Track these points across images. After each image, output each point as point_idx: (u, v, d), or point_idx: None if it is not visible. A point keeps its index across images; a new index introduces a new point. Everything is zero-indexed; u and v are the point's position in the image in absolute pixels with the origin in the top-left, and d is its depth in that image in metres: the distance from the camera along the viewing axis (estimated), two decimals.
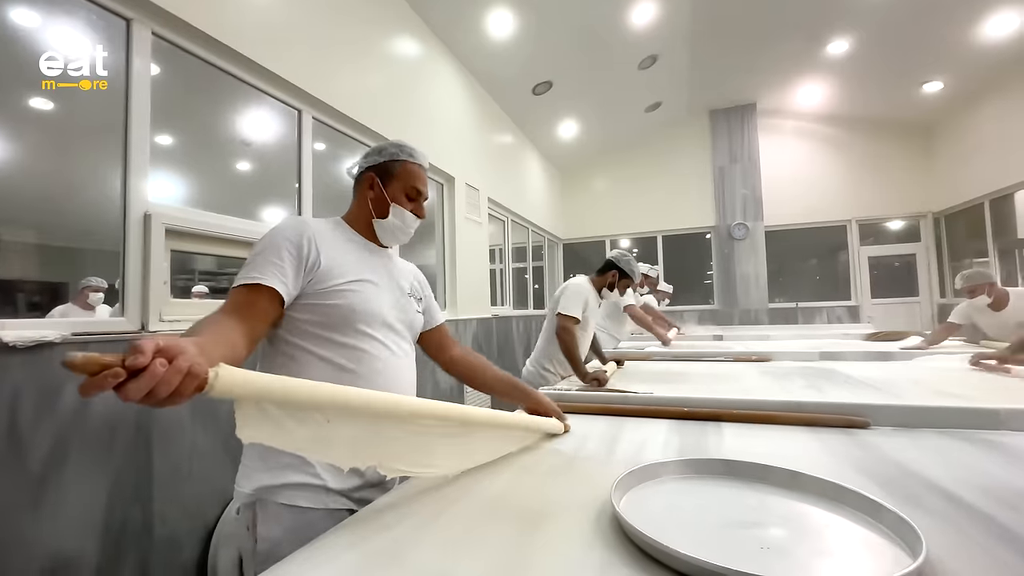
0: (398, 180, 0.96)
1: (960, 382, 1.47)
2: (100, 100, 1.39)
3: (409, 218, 0.97)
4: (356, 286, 0.88)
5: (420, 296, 1.06)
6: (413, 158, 0.98)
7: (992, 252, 4.99)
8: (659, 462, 0.74)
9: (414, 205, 0.98)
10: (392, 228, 0.96)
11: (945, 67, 4.69)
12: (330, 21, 2.32)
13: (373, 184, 0.96)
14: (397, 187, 0.95)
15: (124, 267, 1.36)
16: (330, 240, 0.89)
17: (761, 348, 2.86)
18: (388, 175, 0.96)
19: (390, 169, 0.96)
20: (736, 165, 6.17)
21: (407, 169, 0.97)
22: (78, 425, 1.17)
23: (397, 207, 0.95)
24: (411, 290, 1.03)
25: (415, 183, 0.97)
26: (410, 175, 0.97)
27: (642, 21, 3.97)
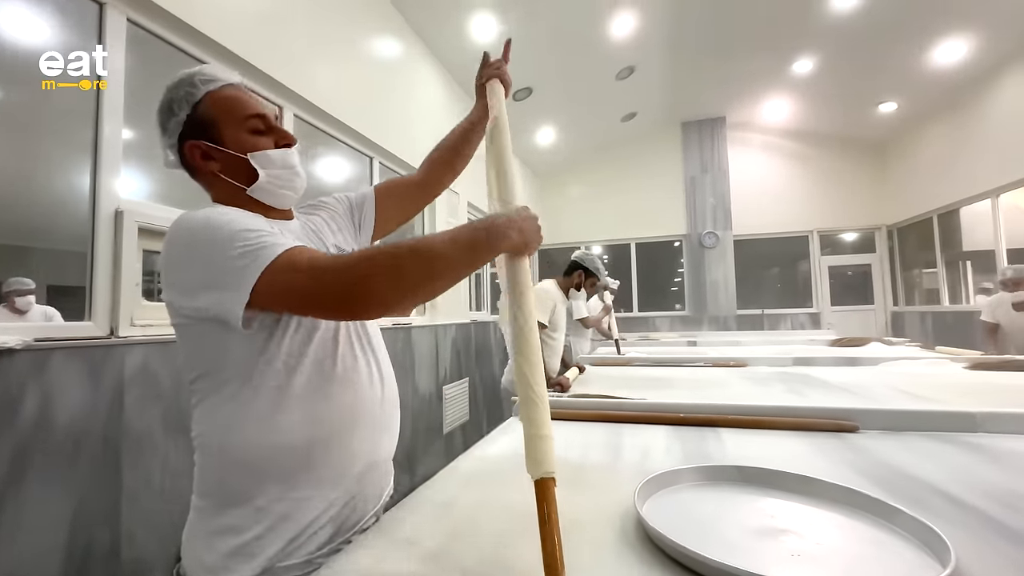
0: (223, 124, 0.67)
1: (928, 386, 1.54)
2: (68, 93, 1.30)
3: (280, 155, 0.69)
4: None
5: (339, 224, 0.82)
6: (214, 82, 0.68)
7: (940, 263, 5.33)
8: (674, 470, 0.74)
9: (271, 135, 0.70)
10: (276, 182, 0.69)
11: (899, 89, 4.99)
12: (313, 18, 2.26)
13: (204, 152, 0.67)
14: (230, 132, 0.67)
15: (92, 268, 1.26)
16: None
17: (736, 354, 2.95)
18: (206, 126, 0.67)
19: (202, 119, 0.67)
20: (707, 175, 6.37)
21: (219, 103, 0.68)
22: (40, 439, 1.08)
23: (256, 154, 0.67)
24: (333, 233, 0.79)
25: (244, 111, 0.69)
26: (231, 107, 0.68)
27: (622, 33, 4.05)
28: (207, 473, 0.65)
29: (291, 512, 0.62)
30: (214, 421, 0.63)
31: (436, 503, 0.70)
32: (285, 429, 0.62)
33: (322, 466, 0.64)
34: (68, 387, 1.13)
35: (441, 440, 3.40)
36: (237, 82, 0.72)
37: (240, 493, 0.62)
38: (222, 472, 0.63)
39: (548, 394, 0.58)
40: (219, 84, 0.69)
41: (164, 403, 1.35)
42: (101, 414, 1.19)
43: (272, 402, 0.62)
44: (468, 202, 4.23)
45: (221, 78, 0.69)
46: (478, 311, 4.52)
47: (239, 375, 0.62)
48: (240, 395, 0.62)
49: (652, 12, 3.98)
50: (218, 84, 0.69)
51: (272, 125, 0.71)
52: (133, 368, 1.27)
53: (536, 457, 0.49)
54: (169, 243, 0.60)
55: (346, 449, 0.67)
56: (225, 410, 0.62)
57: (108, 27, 1.34)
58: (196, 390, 0.65)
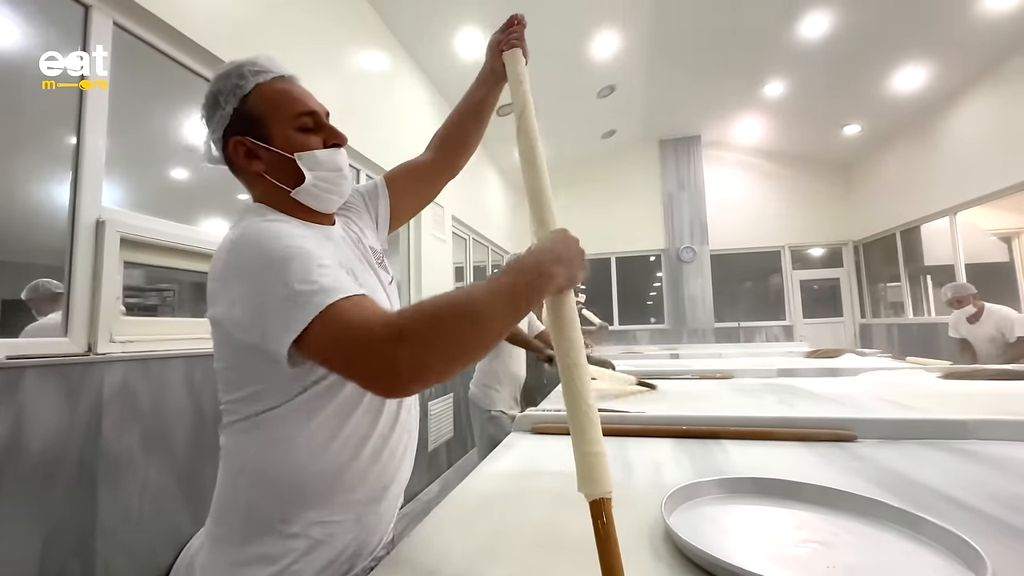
0: (272, 119, 0.63)
1: (910, 395, 1.60)
2: (49, 93, 1.23)
3: (328, 156, 0.65)
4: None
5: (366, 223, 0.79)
6: (264, 74, 0.64)
7: (904, 277, 5.59)
8: (694, 483, 0.73)
9: (321, 134, 0.66)
10: (322, 184, 0.65)
11: (863, 112, 5.27)
12: (301, 28, 2.23)
13: (249, 150, 0.63)
14: (279, 129, 0.63)
15: (70, 280, 1.19)
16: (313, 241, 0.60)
17: (718, 365, 2.99)
18: (253, 122, 0.63)
19: (249, 113, 0.63)
20: (684, 192, 6.55)
21: (268, 97, 0.63)
22: (10, 463, 0.99)
23: (304, 155, 0.63)
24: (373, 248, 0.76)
25: (296, 107, 0.64)
26: (281, 102, 0.64)
27: (604, 52, 4.16)
28: (234, 497, 0.60)
29: (327, 537, 0.59)
30: (249, 443, 0.59)
31: (456, 525, 0.67)
32: (324, 452, 0.59)
33: (358, 488, 0.62)
34: (42, 408, 1.05)
35: (426, 457, 3.33)
36: (289, 75, 0.68)
37: (272, 519, 0.58)
38: (253, 496, 0.59)
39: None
40: (270, 76, 0.65)
41: (143, 424, 1.28)
42: (77, 436, 1.11)
43: (313, 425, 0.59)
44: (452, 215, 4.22)
45: (272, 69, 0.65)
46: None
47: (280, 398, 0.58)
48: (281, 418, 0.58)
49: (633, 33, 4.11)
50: (269, 76, 0.64)
51: (322, 123, 0.67)
52: (112, 387, 1.20)
53: (592, 476, 0.47)
54: (220, 260, 0.56)
55: (379, 472, 0.65)
56: (263, 432, 0.58)
57: (93, 30, 1.29)
58: (231, 410, 0.61)
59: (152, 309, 1.80)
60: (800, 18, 3.96)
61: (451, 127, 0.90)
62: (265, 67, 0.65)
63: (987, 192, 4.26)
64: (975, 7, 3.58)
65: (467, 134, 0.91)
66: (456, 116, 0.90)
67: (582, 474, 0.48)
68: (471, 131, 0.91)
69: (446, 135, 0.90)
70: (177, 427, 1.36)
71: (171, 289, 1.80)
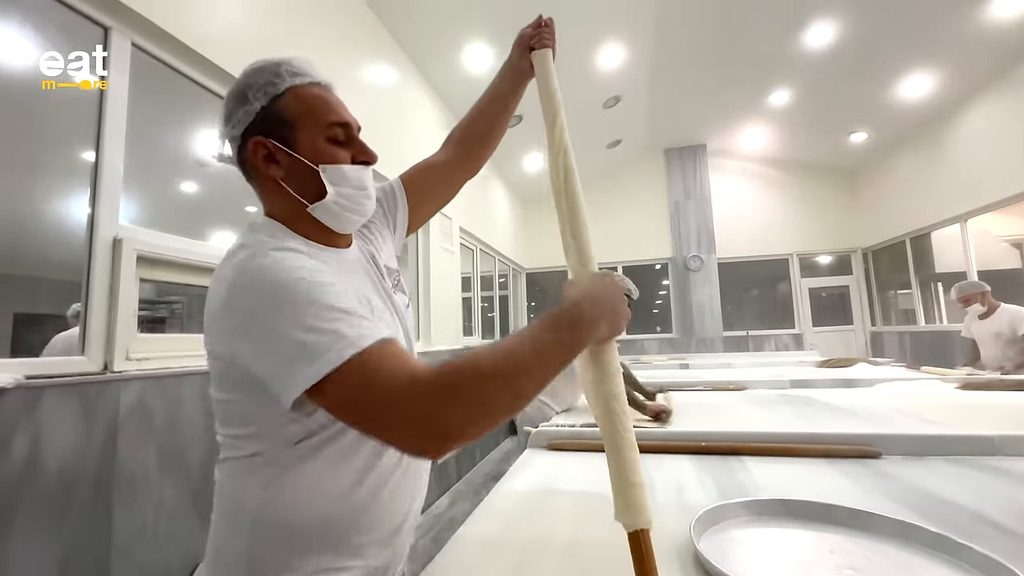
0: (303, 124, 0.57)
1: (930, 407, 1.56)
2: (68, 111, 1.25)
3: (355, 172, 0.59)
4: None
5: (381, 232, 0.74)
6: (301, 76, 0.59)
7: (914, 284, 5.53)
8: (720, 505, 0.72)
9: (350, 148, 0.60)
10: (343, 202, 0.59)
11: (869, 120, 5.26)
12: (313, 44, 2.27)
13: (270, 153, 0.57)
14: (307, 136, 0.57)
15: (88, 298, 1.19)
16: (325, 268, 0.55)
17: (729, 376, 2.96)
18: (281, 124, 0.57)
19: (279, 114, 0.57)
20: (690, 201, 6.54)
21: (304, 100, 0.58)
22: (29, 483, 0.99)
23: (330, 167, 0.58)
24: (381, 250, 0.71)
25: (330, 115, 0.59)
26: (315, 107, 0.58)
27: (610, 64, 4.19)
28: (232, 541, 0.54)
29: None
30: (249, 481, 0.53)
31: (481, 546, 0.66)
32: (333, 493, 0.54)
33: (367, 531, 0.57)
34: (60, 428, 1.05)
35: (435, 470, 3.30)
36: (326, 82, 0.62)
37: (276, 567, 0.53)
38: (254, 541, 0.53)
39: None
40: (307, 80, 0.59)
41: (159, 441, 1.27)
42: (94, 455, 1.11)
43: (320, 464, 0.54)
44: (460, 227, 4.23)
45: (310, 73, 0.60)
46: (469, 336, 4.48)
47: (282, 436, 0.53)
48: (283, 456, 0.53)
49: (638, 44, 4.14)
50: (306, 80, 0.59)
51: (353, 136, 0.61)
52: (128, 405, 1.20)
53: (632, 507, 0.46)
54: (223, 287, 0.50)
55: (390, 509, 0.60)
56: (264, 472, 0.53)
57: (113, 50, 1.31)
58: (230, 445, 0.55)
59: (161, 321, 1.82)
60: (805, 27, 3.98)
61: (474, 121, 0.86)
62: (303, 70, 0.60)
63: (999, 198, 4.22)
64: (982, 14, 3.58)
65: (492, 128, 0.87)
66: (479, 110, 0.87)
67: (621, 505, 0.47)
68: (496, 125, 0.87)
69: (468, 129, 0.86)
70: (192, 445, 1.36)
71: (180, 301, 1.81)
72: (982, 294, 2.93)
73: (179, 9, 1.48)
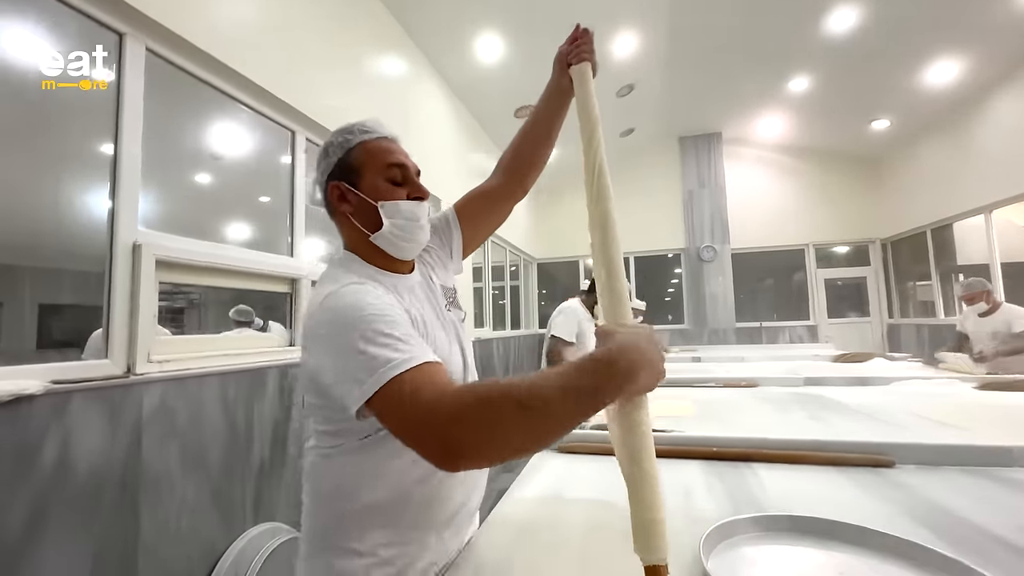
0: (366, 170, 0.71)
1: (947, 410, 1.54)
2: (85, 118, 1.27)
3: (408, 207, 0.71)
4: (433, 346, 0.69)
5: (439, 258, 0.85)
6: (369, 133, 0.73)
7: (934, 276, 5.41)
8: (729, 521, 0.72)
9: (406, 187, 0.72)
10: (397, 232, 0.70)
11: (892, 107, 5.10)
12: (325, 42, 2.26)
13: (343, 194, 0.71)
14: (370, 179, 0.71)
15: (110, 303, 1.23)
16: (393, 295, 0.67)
17: (741, 370, 2.95)
18: (351, 171, 0.71)
19: (350, 164, 0.71)
20: (704, 190, 6.44)
21: (368, 150, 0.72)
22: (59, 485, 1.03)
23: (386, 203, 0.70)
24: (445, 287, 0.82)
25: (388, 159, 0.72)
26: (376, 154, 0.72)
27: (623, 52, 4.11)
28: (315, 515, 0.68)
29: (398, 557, 0.65)
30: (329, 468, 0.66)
31: (493, 561, 0.67)
32: (391, 480, 0.65)
33: (421, 515, 0.67)
34: (87, 431, 1.09)
35: None
36: (393, 136, 0.76)
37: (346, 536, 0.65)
38: (330, 515, 0.66)
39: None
40: (375, 136, 0.73)
41: (181, 441, 1.32)
42: (120, 456, 1.15)
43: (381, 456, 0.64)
44: None
45: (378, 131, 0.74)
46: (481, 328, 4.50)
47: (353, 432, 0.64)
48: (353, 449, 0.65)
49: (652, 31, 4.05)
50: (374, 136, 0.73)
51: (409, 177, 0.73)
52: (151, 407, 1.24)
53: (650, 544, 0.47)
54: (313, 314, 0.61)
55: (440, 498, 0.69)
56: (339, 461, 0.66)
57: (128, 56, 1.32)
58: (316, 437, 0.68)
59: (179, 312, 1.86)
60: (827, 12, 3.85)
61: (520, 148, 0.92)
62: (372, 128, 0.74)
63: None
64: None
65: (537, 153, 0.93)
66: (524, 134, 0.92)
67: (640, 539, 0.48)
68: (541, 150, 0.93)
69: (515, 156, 0.92)
70: (212, 443, 1.40)
71: (197, 301, 1.85)
72: (987, 292, 2.94)
73: (191, 13, 1.48)
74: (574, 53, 0.82)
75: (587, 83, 0.78)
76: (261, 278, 1.68)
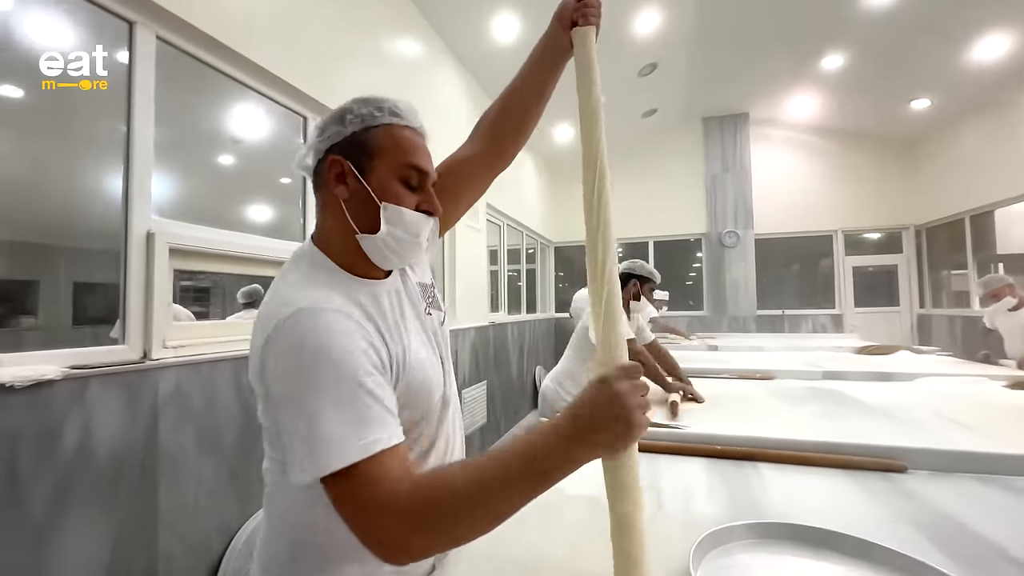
0: (382, 159, 0.59)
1: (970, 410, 1.48)
2: (97, 108, 1.29)
3: (414, 219, 0.60)
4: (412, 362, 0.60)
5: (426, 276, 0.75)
6: (399, 117, 0.62)
7: (971, 266, 5.16)
8: (726, 527, 0.71)
9: (419, 195, 0.62)
10: (392, 243, 0.59)
11: (933, 85, 4.81)
12: (338, 25, 2.23)
13: (343, 174, 0.59)
14: (382, 171, 0.59)
15: (125, 291, 1.27)
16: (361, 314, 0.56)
17: (760, 361, 2.89)
18: (364, 153, 0.59)
19: (365, 144, 0.59)
20: (728, 173, 6.24)
21: (393, 137, 0.60)
22: (80, 466, 1.09)
23: (391, 206, 0.58)
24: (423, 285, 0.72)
25: (411, 158, 0.60)
26: (400, 146, 0.60)
27: (645, 30, 3.96)
28: (275, 546, 0.61)
29: None
30: (288, 493, 0.58)
31: (491, 559, 0.68)
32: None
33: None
34: (105, 414, 1.14)
35: None
36: (424, 131, 0.65)
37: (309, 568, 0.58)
38: (293, 545, 0.59)
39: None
40: (404, 123, 0.62)
41: (196, 424, 1.37)
42: (138, 438, 1.21)
43: None
44: (487, 203, 4.20)
45: (410, 118, 0.63)
46: (495, 312, 4.51)
47: None
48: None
49: (676, 8, 3.88)
50: (403, 122, 0.62)
51: (425, 184, 0.62)
52: (167, 391, 1.29)
53: None
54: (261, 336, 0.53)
55: None
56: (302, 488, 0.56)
57: (138, 45, 1.33)
58: (270, 459, 0.60)
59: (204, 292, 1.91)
60: None
61: (506, 111, 0.79)
62: (404, 113, 0.63)
63: None
64: None
65: (525, 119, 0.80)
66: (511, 98, 0.79)
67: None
68: (530, 116, 0.80)
69: (499, 122, 0.79)
70: (227, 426, 1.45)
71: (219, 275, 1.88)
72: (1009, 286, 2.82)
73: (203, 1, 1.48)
74: (580, 12, 0.70)
75: (591, 50, 0.67)
76: (273, 264, 1.71)
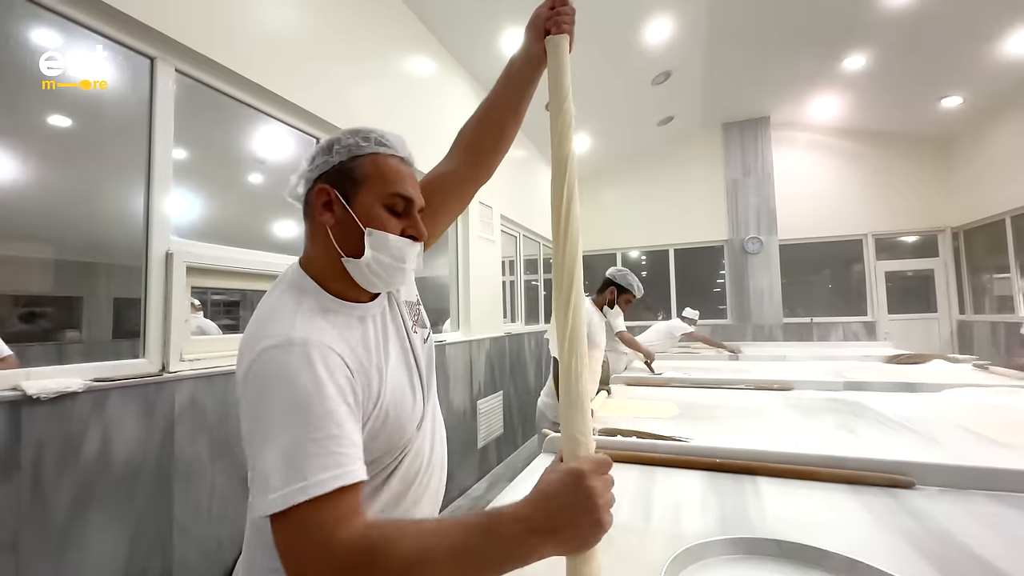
0: (368, 186, 0.62)
1: (998, 423, 1.41)
2: (122, 138, 1.39)
3: (398, 244, 0.62)
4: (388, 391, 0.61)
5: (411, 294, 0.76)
6: (386, 147, 0.64)
7: (1014, 268, 4.89)
8: (705, 542, 0.71)
9: (404, 221, 0.64)
10: (376, 268, 0.61)
11: (965, 82, 4.62)
12: (347, 46, 2.32)
13: (330, 202, 0.62)
14: (368, 198, 0.61)
15: (145, 307, 1.36)
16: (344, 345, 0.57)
17: (782, 371, 2.81)
18: (349, 181, 0.62)
19: (351, 172, 0.62)
20: (749, 178, 6.12)
21: (378, 166, 0.63)
22: (100, 474, 1.17)
23: (375, 232, 0.61)
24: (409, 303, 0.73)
25: (395, 187, 0.63)
26: (385, 175, 0.63)
27: (657, 39, 3.96)
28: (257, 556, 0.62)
29: None
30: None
31: None
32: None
33: None
34: (124, 424, 1.21)
35: (475, 455, 3.43)
36: (410, 159, 0.67)
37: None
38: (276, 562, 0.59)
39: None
40: (390, 152, 0.65)
41: (210, 434, 1.44)
42: (154, 447, 1.28)
43: None
44: (501, 214, 4.24)
45: (395, 148, 0.66)
46: (512, 322, 4.53)
47: None
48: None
49: (689, 15, 3.87)
50: (389, 152, 0.65)
51: (410, 211, 0.64)
52: (183, 402, 1.36)
53: None
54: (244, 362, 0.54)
55: None
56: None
57: (158, 79, 1.43)
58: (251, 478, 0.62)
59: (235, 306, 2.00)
60: None
61: (484, 125, 0.80)
62: (390, 143, 0.65)
63: None
64: None
65: (503, 132, 0.80)
66: (488, 112, 0.80)
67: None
68: (507, 128, 0.80)
69: (477, 135, 0.80)
70: (239, 435, 1.50)
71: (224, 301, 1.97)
72: None
73: (217, 34, 1.57)
74: (553, 20, 0.70)
75: (564, 59, 0.66)
76: None
